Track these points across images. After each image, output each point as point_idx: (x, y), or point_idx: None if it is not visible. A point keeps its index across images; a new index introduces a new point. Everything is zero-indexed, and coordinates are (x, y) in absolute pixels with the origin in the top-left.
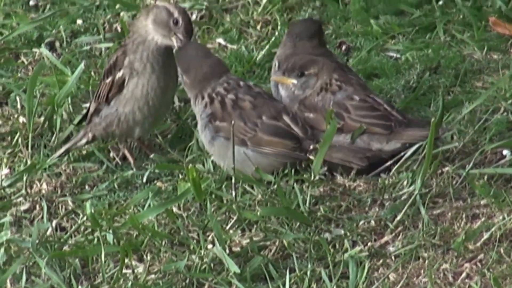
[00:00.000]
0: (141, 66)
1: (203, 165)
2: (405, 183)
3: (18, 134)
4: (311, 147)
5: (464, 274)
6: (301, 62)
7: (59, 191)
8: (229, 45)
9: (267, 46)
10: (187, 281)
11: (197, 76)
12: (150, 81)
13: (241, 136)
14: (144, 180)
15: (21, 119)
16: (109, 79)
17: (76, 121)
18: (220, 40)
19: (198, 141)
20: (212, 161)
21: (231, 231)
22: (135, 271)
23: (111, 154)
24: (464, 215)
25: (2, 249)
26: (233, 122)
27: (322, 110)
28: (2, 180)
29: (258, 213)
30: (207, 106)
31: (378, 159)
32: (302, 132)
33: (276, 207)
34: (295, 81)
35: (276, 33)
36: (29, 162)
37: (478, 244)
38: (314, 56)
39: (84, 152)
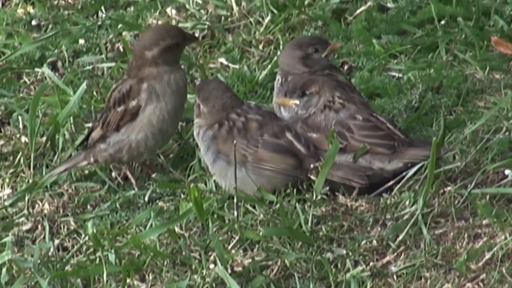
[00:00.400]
0: (163, 90)
1: (205, 184)
2: (407, 202)
3: (20, 154)
4: (312, 166)
5: None
6: (301, 82)
7: (61, 211)
8: (231, 65)
9: (269, 66)
10: None
11: (215, 106)
12: (169, 105)
13: (242, 151)
14: (146, 199)
15: (23, 139)
16: (121, 107)
17: (77, 143)
18: (222, 60)
19: (200, 161)
20: (214, 181)
21: (233, 251)
22: None
23: (113, 173)
24: (466, 235)
25: (4, 269)
26: (234, 141)
27: (325, 130)
28: (4, 200)
29: (260, 233)
30: (208, 129)
31: (380, 179)
32: (304, 149)
33: (278, 227)
34: (297, 102)
35: (278, 53)
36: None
37: (480, 264)
38: (313, 76)
39: (86, 171)
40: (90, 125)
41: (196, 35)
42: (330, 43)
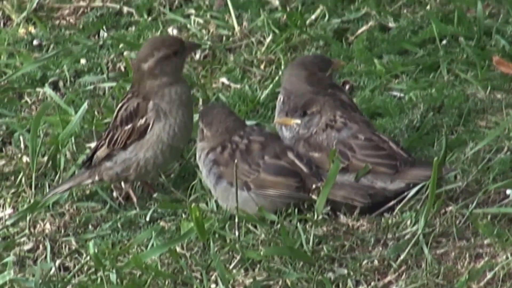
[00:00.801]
0: (169, 106)
1: (207, 204)
2: (408, 222)
3: (21, 173)
4: (314, 186)
5: None
6: (303, 102)
7: (62, 231)
8: (232, 85)
9: (271, 86)
10: None
11: (219, 130)
12: (177, 120)
13: (244, 178)
14: (147, 219)
15: (25, 158)
16: (129, 126)
17: (80, 161)
18: (224, 80)
19: (201, 181)
20: (215, 201)
21: (234, 271)
22: None
23: (114, 193)
24: (467, 255)
25: None
26: (236, 161)
27: (327, 149)
28: (5, 220)
29: (262, 253)
30: (210, 153)
31: (382, 198)
32: (307, 168)
33: (280, 247)
34: (298, 121)
35: (280, 72)
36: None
37: (482, 283)
38: (314, 96)
39: (87, 191)
40: (93, 144)
41: (198, 55)
42: (333, 61)
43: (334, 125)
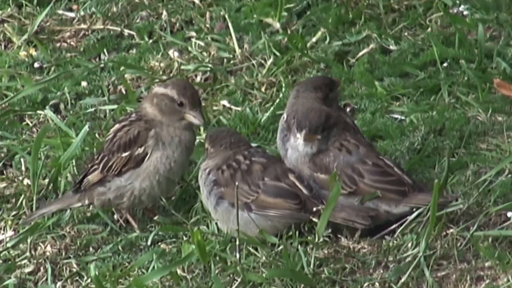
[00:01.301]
0: (169, 138)
1: (207, 227)
2: (409, 245)
3: (22, 196)
4: (314, 209)
5: None
6: (322, 117)
7: (63, 253)
8: (233, 107)
9: (272, 108)
10: None
11: (222, 145)
12: (175, 154)
13: (244, 199)
14: (149, 242)
15: (26, 181)
16: (127, 153)
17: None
18: (225, 102)
19: (202, 203)
20: (216, 223)
21: None
22: None
23: (115, 216)
24: (468, 277)
25: None
26: (237, 183)
27: None
28: (6, 242)
29: (264, 275)
30: (211, 173)
31: (384, 221)
32: (307, 190)
33: (281, 269)
34: (319, 136)
35: (281, 95)
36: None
37: None
38: (323, 108)
39: (88, 213)
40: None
41: (199, 77)
42: (337, 81)
43: (342, 147)
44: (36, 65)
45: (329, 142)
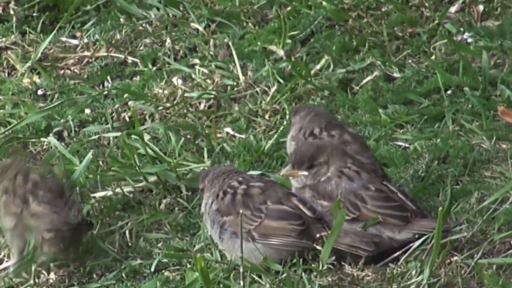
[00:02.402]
0: None
1: (211, 254)
2: (413, 272)
3: None
4: (318, 235)
5: None
6: (309, 153)
7: (66, 281)
8: (237, 135)
9: (276, 136)
10: None
11: (214, 174)
12: None
13: (247, 226)
14: (152, 269)
15: None
16: None
17: (84, 211)
18: (228, 129)
19: (205, 231)
20: (220, 251)
21: None
22: None
23: (116, 244)
24: None
25: None
26: (241, 211)
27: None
28: (10, 270)
29: None
30: (213, 203)
31: (387, 248)
32: (310, 212)
33: None
34: (305, 173)
35: (285, 122)
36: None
37: None
38: (320, 143)
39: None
40: (98, 194)
41: (202, 105)
42: None
43: (343, 174)
44: (39, 92)
45: (319, 177)
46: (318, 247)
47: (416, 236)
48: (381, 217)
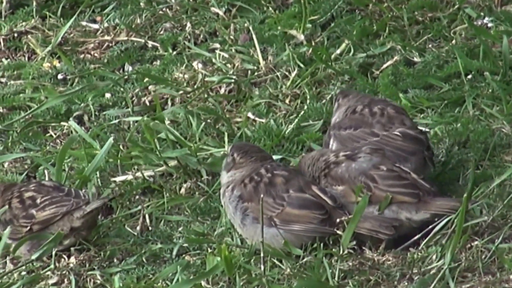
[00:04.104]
0: None
1: (232, 238)
2: (434, 257)
3: None
4: (338, 220)
5: None
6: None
7: (87, 265)
8: (257, 119)
9: (296, 120)
10: None
11: (253, 157)
12: None
13: (269, 213)
14: (174, 255)
15: None
16: None
17: (104, 194)
18: (249, 114)
19: (226, 215)
20: (241, 235)
21: None
22: None
23: (138, 228)
24: None
25: None
26: (261, 195)
27: (350, 182)
28: (28, 252)
29: (290, 287)
30: (235, 189)
31: (407, 230)
32: (331, 201)
33: (306, 281)
34: None
35: (305, 107)
36: None
37: None
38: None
39: (110, 227)
40: (118, 178)
41: (223, 89)
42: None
43: (354, 156)
44: (59, 76)
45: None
46: (339, 232)
47: (436, 219)
48: (391, 195)
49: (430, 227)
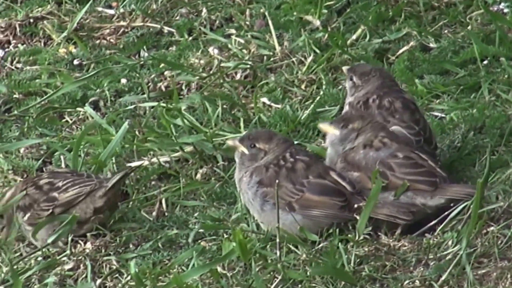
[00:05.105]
0: None
1: (248, 224)
2: (450, 242)
3: None
4: (356, 205)
5: None
6: (348, 115)
7: (103, 250)
8: (273, 105)
9: (312, 106)
10: None
11: (278, 144)
12: None
13: (288, 198)
14: (190, 240)
15: None
16: None
17: None
18: (265, 100)
19: (242, 200)
20: (257, 220)
21: None
22: None
23: (154, 213)
24: (509, 275)
25: None
26: (277, 181)
27: (366, 169)
28: (46, 239)
29: (308, 273)
30: (254, 174)
31: (422, 215)
32: (350, 187)
33: (324, 267)
34: (337, 132)
35: (321, 92)
36: None
37: None
38: (366, 115)
39: (126, 212)
40: (133, 163)
41: (239, 75)
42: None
43: (373, 145)
44: (75, 62)
45: (345, 143)
46: (357, 217)
47: (452, 204)
48: (408, 183)
49: (446, 213)
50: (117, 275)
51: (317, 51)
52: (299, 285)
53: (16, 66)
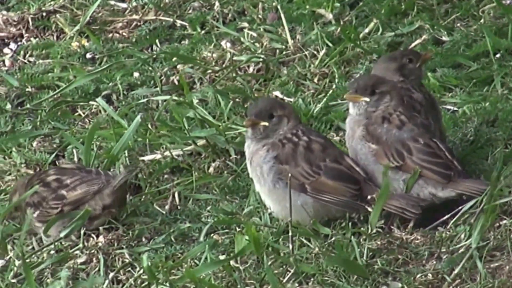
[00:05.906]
0: None
1: (260, 218)
2: (462, 236)
3: None
4: (369, 197)
5: None
6: (372, 81)
7: (115, 244)
8: (286, 98)
9: (324, 99)
10: None
11: (294, 114)
12: None
13: (302, 179)
14: (203, 234)
15: None
16: None
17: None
18: (277, 93)
19: (255, 193)
20: (270, 214)
21: (288, 284)
22: None
23: (167, 207)
24: None
25: None
26: (289, 175)
27: (385, 144)
28: (59, 233)
29: (319, 265)
30: (270, 150)
31: (430, 205)
32: (364, 172)
33: (337, 260)
34: (367, 99)
35: (334, 86)
36: None
37: None
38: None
39: (139, 205)
40: (146, 157)
41: (251, 68)
42: (421, 54)
43: (391, 119)
44: (88, 55)
45: (380, 106)
46: (370, 209)
47: (464, 197)
48: (423, 172)
49: (460, 207)
50: (129, 268)
51: (330, 44)
52: (312, 279)
53: (29, 60)
